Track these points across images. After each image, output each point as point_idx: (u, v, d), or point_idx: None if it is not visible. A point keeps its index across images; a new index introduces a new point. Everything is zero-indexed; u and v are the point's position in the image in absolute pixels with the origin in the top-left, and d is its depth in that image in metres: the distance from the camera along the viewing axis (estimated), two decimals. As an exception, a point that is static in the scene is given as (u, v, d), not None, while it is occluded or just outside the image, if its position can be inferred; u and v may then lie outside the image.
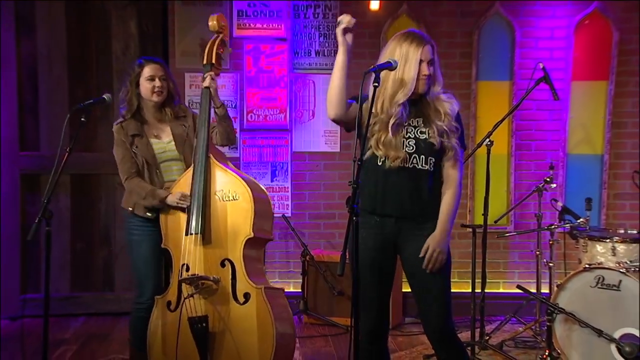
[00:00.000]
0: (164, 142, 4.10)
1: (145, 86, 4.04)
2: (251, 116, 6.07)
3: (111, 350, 5.12)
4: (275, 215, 4.44)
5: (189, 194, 3.89)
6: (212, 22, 4.15)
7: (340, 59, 3.26)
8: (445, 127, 3.29)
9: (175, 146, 4.10)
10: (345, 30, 3.22)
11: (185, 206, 3.87)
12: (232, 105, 5.99)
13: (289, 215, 6.03)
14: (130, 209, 4.06)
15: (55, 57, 6.01)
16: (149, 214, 4.01)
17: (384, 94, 3.28)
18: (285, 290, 4.12)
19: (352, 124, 3.24)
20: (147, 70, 4.05)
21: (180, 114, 4.17)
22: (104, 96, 3.78)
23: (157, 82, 4.04)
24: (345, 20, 3.21)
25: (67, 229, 6.07)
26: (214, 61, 4.10)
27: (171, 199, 3.92)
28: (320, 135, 6.16)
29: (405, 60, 3.25)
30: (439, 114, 3.30)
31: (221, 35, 4.16)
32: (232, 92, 6.04)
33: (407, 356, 5.01)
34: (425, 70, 3.27)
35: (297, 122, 6.16)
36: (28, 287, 5.96)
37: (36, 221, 3.33)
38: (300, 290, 5.83)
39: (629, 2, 6.02)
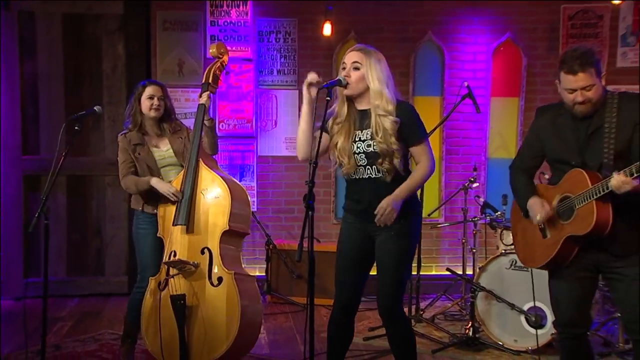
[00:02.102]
0: (162, 150, 4.08)
1: (145, 103, 4.03)
2: (222, 125, 6.07)
3: (102, 326, 5.11)
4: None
5: (180, 190, 3.87)
6: (212, 50, 4.13)
7: (305, 109, 3.21)
8: (386, 148, 3.18)
9: (174, 155, 4.08)
10: (310, 85, 3.17)
11: (173, 200, 3.85)
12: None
13: (255, 210, 6.01)
14: (140, 208, 4.04)
15: (53, 75, 5.94)
16: (155, 211, 3.99)
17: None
18: (251, 274, 4.11)
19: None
20: (148, 90, 4.03)
21: (177, 129, 4.15)
22: (94, 108, 3.74)
23: (155, 101, 4.02)
24: (310, 77, 3.17)
25: (63, 222, 6.00)
26: (210, 81, 4.07)
27: (162, 188, 3.87)
28: (281, 142, 6.18)
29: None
30: (379, 129, 3.19)
31: (219, 61, 4.13)
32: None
33: (355, 329, 5.02)
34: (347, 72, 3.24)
35: (261, 130, 6.17)
36: (30, 272, 5.89)
37: (36, 216, 3.31)
38: (264, 274, 5.84)
39: (535, 34, 6.18)
